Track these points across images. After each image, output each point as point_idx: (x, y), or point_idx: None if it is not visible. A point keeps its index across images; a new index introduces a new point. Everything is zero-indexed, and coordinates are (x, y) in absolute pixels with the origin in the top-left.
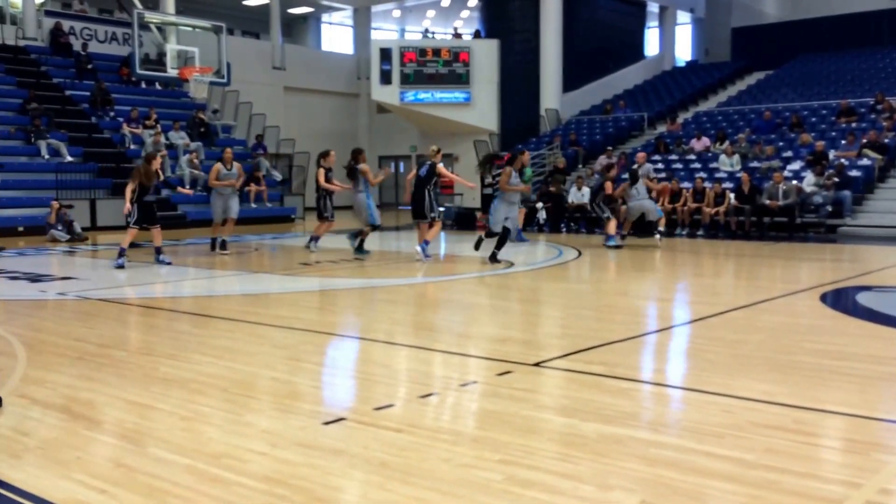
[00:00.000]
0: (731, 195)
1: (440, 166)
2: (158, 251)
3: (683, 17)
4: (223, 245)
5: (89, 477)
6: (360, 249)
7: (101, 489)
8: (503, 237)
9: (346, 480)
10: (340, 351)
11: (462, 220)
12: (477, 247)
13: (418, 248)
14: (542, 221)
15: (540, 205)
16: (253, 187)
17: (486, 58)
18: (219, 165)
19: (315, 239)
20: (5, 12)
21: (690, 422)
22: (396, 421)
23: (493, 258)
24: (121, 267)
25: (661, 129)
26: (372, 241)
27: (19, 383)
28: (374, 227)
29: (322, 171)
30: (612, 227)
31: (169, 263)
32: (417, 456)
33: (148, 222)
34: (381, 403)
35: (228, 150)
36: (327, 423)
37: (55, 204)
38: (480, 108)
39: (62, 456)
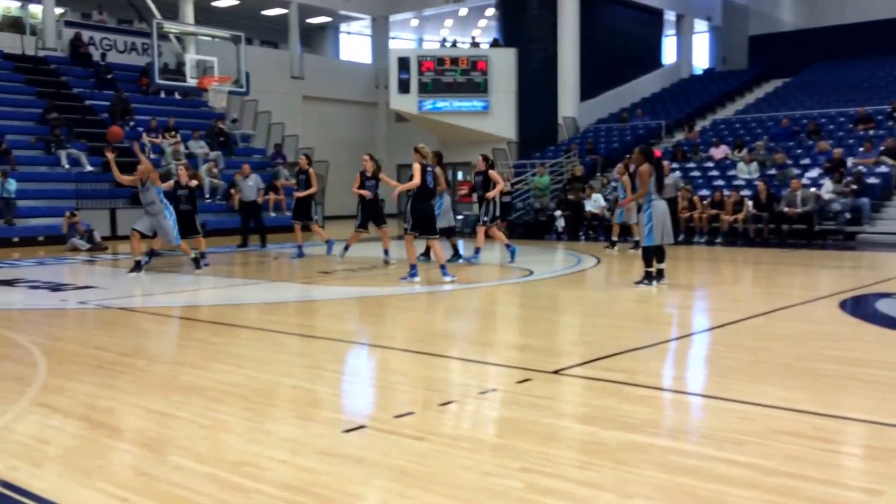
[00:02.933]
0: (750, 202)
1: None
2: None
3: (701, 25)
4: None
5: (110, 485)
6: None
7: (122, 497)
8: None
9: (366, 488)
10: (359, 359)
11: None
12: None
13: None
14: (560, 229)
15: (558, 213)
16: (272, 196)
17: (503, 66)
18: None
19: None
20: (25, 23)
21: (710, 429)
22: (416, 428)
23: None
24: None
25: (679, 136)
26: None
27: (40, 392)
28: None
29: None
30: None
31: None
32: (437, 463)
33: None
34: (400, 411)
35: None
36: (347, 431)
37: (67, 214)
38: (498, 117)
39: (83, 464)
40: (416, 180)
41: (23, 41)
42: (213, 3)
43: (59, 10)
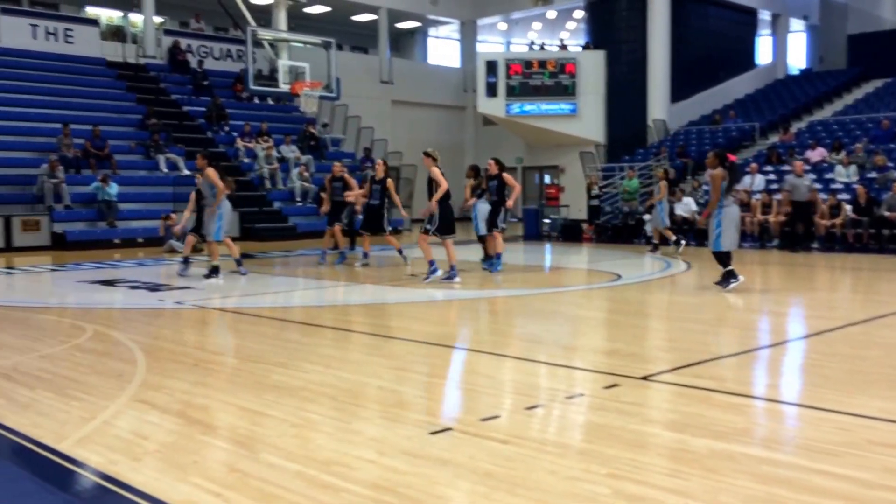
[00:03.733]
0: (848, 207)
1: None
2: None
3: (797, 24)
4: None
5: (205, 480)
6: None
7: (216, 493)
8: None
9: (452, 490)
10: (446, 361)
11: (568, 232)
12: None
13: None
14: (649, 233)
15: (647, 216)
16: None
17: (592, 69)
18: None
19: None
20: (127, 32)
21: (804, 439)
22: (503, 432)
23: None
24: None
25: (774, 139)
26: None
27: (139, 388)
28: (478, 238)
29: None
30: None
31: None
32: (524, 467)
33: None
34: (487, 414)
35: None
36: (434, 433)
37: (164, 217)
38: (587, 120)
39: (179, 459)
40: (444, 184)
41: (124, 49)
42: (305, 11)
43: (158, 19)
